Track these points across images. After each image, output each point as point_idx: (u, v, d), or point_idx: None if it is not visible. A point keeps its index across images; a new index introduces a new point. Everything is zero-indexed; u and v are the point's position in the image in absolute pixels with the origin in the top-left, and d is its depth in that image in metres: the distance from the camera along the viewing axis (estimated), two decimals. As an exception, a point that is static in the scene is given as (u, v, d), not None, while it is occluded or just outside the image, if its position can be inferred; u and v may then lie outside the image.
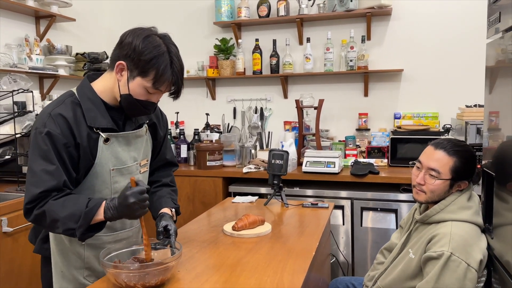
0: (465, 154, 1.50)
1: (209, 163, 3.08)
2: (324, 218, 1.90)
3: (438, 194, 1.50)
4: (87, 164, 1.31)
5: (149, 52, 1.23)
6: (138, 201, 1.17)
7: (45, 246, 1.40)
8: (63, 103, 1.30)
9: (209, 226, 1.78)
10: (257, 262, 1.37)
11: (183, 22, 3.74)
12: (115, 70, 1.29)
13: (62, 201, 1.20)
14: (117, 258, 1.23)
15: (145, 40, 1.25)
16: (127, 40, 1.26)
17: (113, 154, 1.35)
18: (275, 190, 2.14)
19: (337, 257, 2.76)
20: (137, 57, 1.24)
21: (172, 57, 1.27)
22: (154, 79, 1.25)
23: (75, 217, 1.18)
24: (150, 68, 1.24)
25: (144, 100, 1.30)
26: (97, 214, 1.20)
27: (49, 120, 1.24)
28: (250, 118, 3.60)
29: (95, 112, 1.31)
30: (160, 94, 1.33)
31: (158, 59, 1.24)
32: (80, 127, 1.28)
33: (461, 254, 1.33)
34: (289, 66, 3.37)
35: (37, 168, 1.22)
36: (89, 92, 1.33)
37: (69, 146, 1.26)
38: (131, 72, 1.27)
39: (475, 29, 3.05)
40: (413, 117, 3.18)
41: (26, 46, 2.90)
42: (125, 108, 1.33)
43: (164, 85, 1.28)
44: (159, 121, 1.57)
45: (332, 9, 3.24)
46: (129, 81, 1.27)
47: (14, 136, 2.38)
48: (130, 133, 1.40)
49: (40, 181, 1.21)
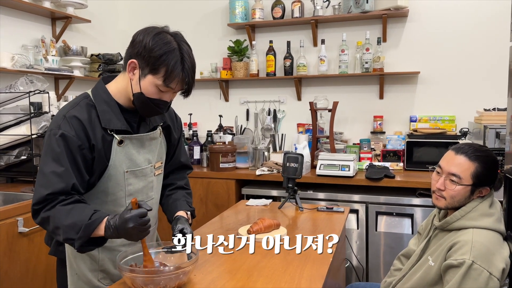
0: (487, 159, 1.47)
1: (222, 165, 3.07)
2: (340, 223, 1.87)
3: (458, 200, 1.46)
4: (101, 166, 1.31)
5: (159, 49, 1.22)
6: (138, 225, 1.13)
7: (60, 248, 1.40)
8: (78, 105, 1.30)
9: (222, 230, 1.77)
10: (274, 267, 1.35)
11: (197, 23, 3.74)
12: (127, 69, 1.29)
13: (69, 209, 1.19)
14: (133, 261, 1.23)
15: (155, 37, 1.24)
16: (138, 38, 1.26)
17: (127, 156, 1.35)
18: (289, 193, 2.12)
19: (351, 262, 2.73)
20: (148, 54, 1.23)
21: (183, 54, 1.26)
22: (165, 76, 1.24)
23: (76, 228, 1.16)
24: (160, 65, 1.23)
25: (157, 99, 1.29)
26: (98, 228, 1.18)
27: (63, 122, 1.24)
28: (263, 120, 3.58)
29: (110, 114, 1.31)
30: (172, 92, 1.31)
31: (168, 56, 1.23)
32: (95, 129, 1.28)
33: (483, 263, 1.30)
34: (303, 68, 3.34)
35: (47, 169, 1.22)
36: (104, 94, 1.33)
37: (83, 148, 1.25)
38: (142, 70, 1.26)
39: (494, 31, 3.00)
40: (429, 120, 3.13)
41: (42, 47, 2.92)
42: (138, 107, 1.32)
43: (174, 82, 1.26)
44: (173, 123, 1.56)
45: (347, 11, 3.21)
46: (141, 79, 1.26)
47: (30, 136, 2.40)
48: (144, 135, 1.39)
49: (48, 183, 1.20)
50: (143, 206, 1.16)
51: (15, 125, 2.52)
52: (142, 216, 1.14)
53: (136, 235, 1.16)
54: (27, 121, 2.45)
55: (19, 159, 2.52)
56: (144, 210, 1.15)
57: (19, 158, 2.52)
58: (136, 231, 1.14)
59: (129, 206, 1.16)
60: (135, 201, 1.15)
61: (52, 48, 3.00)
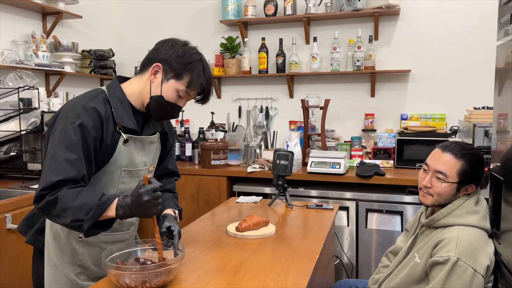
0: (473, 157, 1.48)
1: (213, 162, 3.07)
2: (329, 220, 1.88)
3: (445, 197, 1.47)
4: (102, 161, 1.34)
5: (189, 57, 1.34)
6: (152, 199, 1.18)
7: (40, 237, 1.41)
8: (96, 98, 1.33)
9: (212, 226, 1.77)
10: (261, 264, 1.36)
11: (190, 20, 3.73)
12: (150, 71, 1.36)
13: (77, 191, 1.20)
14: (119, 258, 1.23)
15: (184, 46, 1.37)
16: (165, 46, 1.36)
17: (129, 155, 1.39)
18: (279, 190, 2.13)
19: (341, 259, 2.74)
20: (175, 60, 1.33)
21: (204, 66, 1.38)
22: (189, 83, 1.34)
23: (86, 208, 1.17)
24: (186, 72, 1.33)
25: (174, 103, 1.37)
26: (109, 209, 1.20)
27: (82, 112, 1.27)
28: (255, 117, 3.58)
29: (123, 112, 1.35)
30: (188, 99, 1.41)
31: (194, 65, 1.34)
32: (108, 124, 1.32)
33: (468, 260, 1.31)
34: (295, 65, 3.35)
35: (60, 156, 1.22)
36: (119, 92, 1.38)
37: (97, 140, 1.29)
38: (165, 74, 1.34)
39: (484, 30, 3.02)
40: (420, 118, 3.15)
41: (33, 42, 2.90)
42: (152, 110, 1.38)
43: (195, 90, 1.37)
44: (170, 131, 1.61)
45: (339, 9, 3.21)
46: (163, 83, 1.35)
47: (19, 133, 2.39)
48: (146, 138, 1.44)
49: (60, 169, 1.21)
50: (154, 182, 1.21)
51: (4, 121, 2.50)
52: (155, 190, 1.19)
53: (151, 209, 1.19)
54: (16, 117, 2.43)
55: (8, 156, 2.51)
56: (156, 185, 1.20)
57: (8, 154, 2.50)
58: (151, 204, 1.18)
59: (141, 182, 1.20)
60: (147, 177, 1.20)
61: (43, 44, 2.97)
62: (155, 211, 1.21)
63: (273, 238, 1.61)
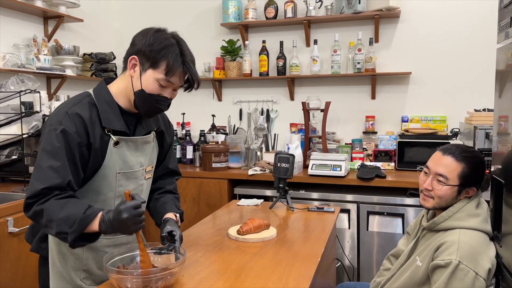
0: (474, 160, 1.48)
1: (214, 164, 3.07)
2: (330, 223, 1.88)
3: (446, 200, 1.47)
4: (95, 165, 1.32)
5: (159, 43, 1.27)
6: (132, 216, 1.13)
7: (43, 245, 1.40)
8: (80, 103, 1.31)
9: (214, 229, 1.77)
10: (262, 267, 1.36)
11: (191, 23, 3.74)
12: (128, 66, 1.32)
13: (63, 203, 1.19)
14: (120, 262, 1.23)
15: (155, 33, 1.30)
16: (138, 38, 1.31)
17: (121, 157, 1.36)
18: (280, 193, 2.13)
19: (342, 262, 2.74)
20: (148, 49, 1.27)
21: (183, 49, 1.30)
22: (166, 69, 1.27)
23: (70, 221, 1.16)
24: (160, 58, 1.27)
25: (157, 95, 1.31)
26: (92, 223, 1.17)
27: (65, 118, 1.25)
28: (256, 120, 3.58)
29: (110, 114, 1.33)
30: (173, 89, 1.34)
31: (168, 49, 1.27)
32: (94, 128, 1.29)
33: (469, 263, 1.31)
34: (296, 68, 3.35)
35: (44, 164, 1.22)
36: (106, 94, 1.35)
37: (82, 146, 1.27)
38: (142, 65, 1.29)
39: (485, 32, 3.02)
40: (421, 120, 3.15)
41: (34, 46, 2.91)
42: (139, 106, 1.34)
43: (175, 76, 1.29)
44: (167, 129, 1.58)
45: (339, 11, 3.22)
46: (142, 75, 1.30)
47: (21, 136, 2.39)
48: (140, 138, 1.41)
49: (44, 177, 1.20)
50: (136, 198, 1.17)
51: (5, 124, 2.50)
52: (136, 207, 1.15)
53: (131, 227, 1.15)
54: (18, 120, 2.44)
55: (10, 159, 2.51)
56: (138, 201, 1.16)
57: (10, 158, 2.51)
58: (131, 222, 1.14)
59: (123, 198, 1.17)
60: (129, 192, 1.16)
61: (44, 48, 2.98)
62: (136, 228, 1.16)
63: (274, 241, 1.61)
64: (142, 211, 1.16)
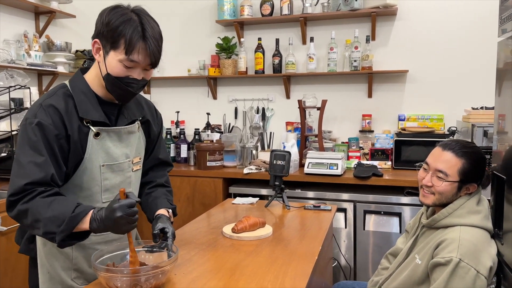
0: (474, 156, 1.45)
1: (209, 163, 3.03)
2: (327, 221, 1.84)
3: (446, 196, 1.44)
4: (76, 158, 1.26)
5: (115, 20, 1.18)
6: (126, 215, 1.09)
7: (31, 246, 1.35)
8: (55, 94, 1.25)
9: (208, 228, 1.73)
10: (258, 266, 1.31)
11: (185, 20, 3.69)
12: (93, 51, 1.25)
13: (50, 201, 1.14)
14: (110, 260, 1.18)
15: (111, 11, 1.21)
16: (97, 19, 1.23)
17: (104, 149, 1.30)
18: (276, 191, 2.09)
19: (339, 261, 2.70)
20: (105, 29, 1.18)
21: (143, 23, 1.20)
22: (125, 47, 1.17)
23: (58, 221, 1.11)
24: (118, 36, 1.17)
25: (124, 77, 1.22)
26: (82, 222, 1.13)
27: (40, 111, 1.20)
28: (251, 118, 3.54)
29: (88, 104, 1.26)
30: (141, 68, 1.24)
31: (125, 25, 1.17)
32: (71, 119, 1.24)
33: (470, 261, 1.27)
34: (292, 65, 3.31)
35: (24, 159, 1.16)
36: (82, 84, 1.29)
37: (61, 138, 1.21)
38: (104, 48, 1.21)
39: (482, 30, 3.00)
40: (418, 119, 3.12)
41: (25, 42, 2.86)
42: (111, 92, 1.27)
43: (136, 53, 1.18)
44: (153, 118, 1.51)
45: (336, 8, 3.19)
46: (105, 58, 1.21)
47: (11, 133, 2.34)
48: (122, 129, 1.34)
49: (26, 173, 1.15)
50: (131, 196, 1.12)
51: (-5, 121, 2.45)
52: (131, 206, 1.10)
53: (124, 226, 1.10)
54: (7, 117, 2.38)
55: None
56: (133, 200, 1.11)
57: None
58: (124, 221, 1.09)
59: (117, 196, 1.12)
60: (124, 191, 1.11)
61: (35, 43, 2.93)
62: (129, 228, 1.12)
63: (270, 240, 1.57)
64: (136, 210, 1.12)
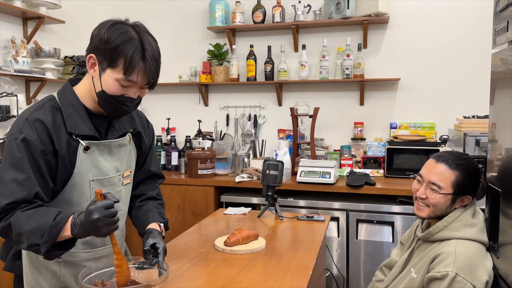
0: (468, 167, 1.44)
1: (200, 171, 2.99)
2: (320, 232, 1.82)
3: (440, 208, 1.43)
4: (65, 174, 1.21)
5: (116, 39, 1.14)
6: (103, 217, 1.04)
7: (17, 263, 1.30)
8: (42, 108, 1.20)
9: (199, 240, 1.69)
10: (251, 281, 1.28)
11: (177, 26, 3.66)
12: (87, 65, 1.20)
13: (30, 214, 1.10)
14: (98, 278, 1.13)
15: (111, 28, 1.16)
16: (94, 32, 1.18)
17: (94, 163, 1.25)
18: (269, 201, 2.06)
19: (331, 271, 2.68)
20: (104, 46, 1.14)
21: (143, 43, 1.16)
22: (124, 67, 1.14)
23: (40, 232, 1.07)
24: (117, 56, 1.13)
25: (120, 96, 1.18)
26: (64, 229, 1.08)
27: (25, 126, 1.15)
28: (243, 125, 3.52)
29: (76, 118, 1.22)
30: (138, 88, 1.20)
31: (125, 45, 1.13)
32: (59, 134, 1.19)
33: (466, 275, 1.26)
34: (284, 73, 3.30)
35: (6, 177, 1.12)
36: (71, 96, 1.24)
37: (47, 153, 1.16)
38: (101, 64, 1.17)
39: (474, 39, 3.02)
40: (410, 127, 3.13)
41: (12, 48, 2.79)
42: (103, 108, 1.23)
43: (135, 74, 1.15)
44: (144, 130, 1.47)
45: (328, 16, 3.19)
46: (101, 75, 1.17)
47: (-4, 141, 2.28)
48: (112, 142, 1.30)
49: (8, 192, 1.10)
50: (108, 197, 1.07)
51: (-20, 129, 2.39)
52: (108, 207, 1.05)
53: (103, 228, 1.05)
54: (-7, 125, 2.32)
55: (-16, 166, 2.38)
56: (110, 201, 1.06)
57: (-16, 164, 2.38)
58: (103, 223, 1.04)
59: (94, 198, 1.07)
60: (100, 191, 1.06)
61: (23, 49, 2.87)
62: (109, 230, 1.07)
63: (263, 253, 1.54)
64: (115, 211, 1.07)
